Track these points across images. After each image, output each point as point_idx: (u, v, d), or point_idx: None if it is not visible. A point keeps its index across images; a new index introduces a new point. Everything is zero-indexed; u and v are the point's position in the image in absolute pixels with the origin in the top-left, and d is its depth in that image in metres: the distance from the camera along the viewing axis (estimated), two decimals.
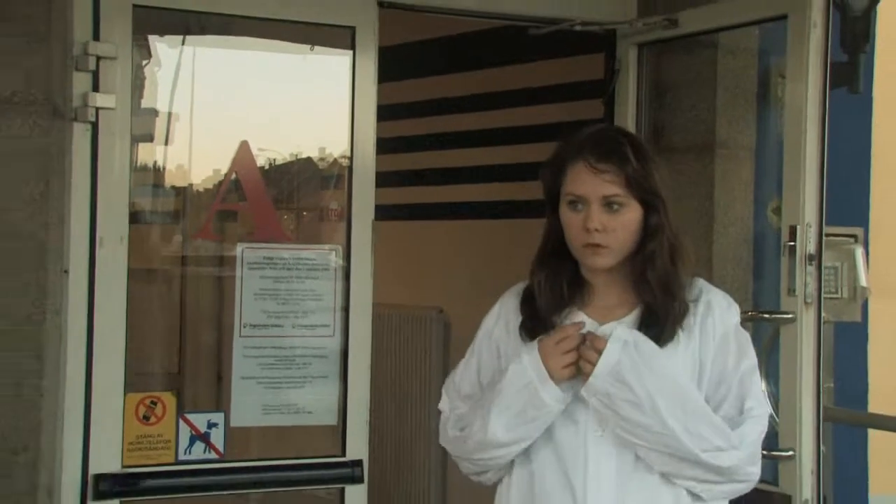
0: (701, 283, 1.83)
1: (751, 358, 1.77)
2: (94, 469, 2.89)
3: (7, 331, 2.70)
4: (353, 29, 3.09)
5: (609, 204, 1.69)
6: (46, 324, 2.74)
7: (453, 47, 4.59)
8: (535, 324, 1.78)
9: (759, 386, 1.81)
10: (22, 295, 2.67)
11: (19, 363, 2.69)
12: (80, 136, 2.87)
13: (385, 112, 3.21)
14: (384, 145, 3.17)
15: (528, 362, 1.70)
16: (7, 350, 2.68)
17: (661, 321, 1.71)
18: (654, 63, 3.40)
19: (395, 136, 4.38)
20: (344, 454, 3.04)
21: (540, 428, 1.70)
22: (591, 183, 1.70)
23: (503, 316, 1.90)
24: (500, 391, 1.73)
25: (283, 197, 3.56)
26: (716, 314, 1.76)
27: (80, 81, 2.88)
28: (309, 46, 3.22)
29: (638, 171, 1.70)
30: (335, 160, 3.44)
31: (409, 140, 4.81)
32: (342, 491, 3.04)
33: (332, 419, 3.08)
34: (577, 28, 3.25)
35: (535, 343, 1.73)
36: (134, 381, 3.03)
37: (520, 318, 1.82)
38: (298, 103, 3.18)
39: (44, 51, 2.73)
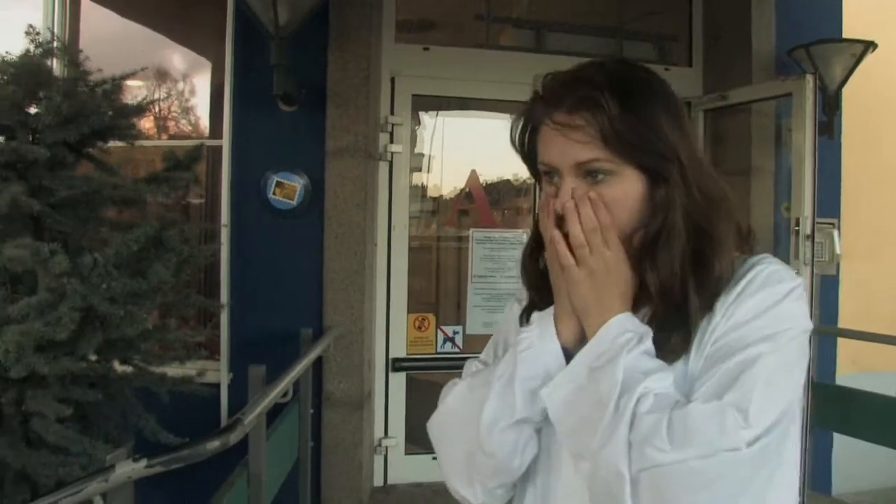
0: (752, 261, 1.17)
1: (772, 343, 1.08)
2: (392, 354, 4.59)
3: (346, 277, 4.21)
4: None
5: (590, 173, 1.14)
6: (365, 273, 4.24)
7: None
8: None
9: (766, 388, 1.05)
10: (353, 257, 4.21)
11: (351, 296, 4.22)
12: (382, 169, 4.50)
13: None
14: None
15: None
16: (345, 288, 4.21)
17: (665, 338, 1.13)
18: (713, 120, 4.71)
19: None
20: None
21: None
22: (559, 145, 1.14)
23: (505, 324, 1.41)
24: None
25: (494, 201, 4.91)
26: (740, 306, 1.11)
27: (383, 138, 4.49)
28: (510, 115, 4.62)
29: (622, 121, 1.11)
30: (524, 180, 4.86)
31: None
32: None
33: None
34: None
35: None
36: (412, 306, 4.64)
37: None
38: (503, 148, 4.74)
39: (365, 122, 4.20)
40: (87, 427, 3.00)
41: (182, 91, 5.01)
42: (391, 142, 4.54)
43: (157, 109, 4.96)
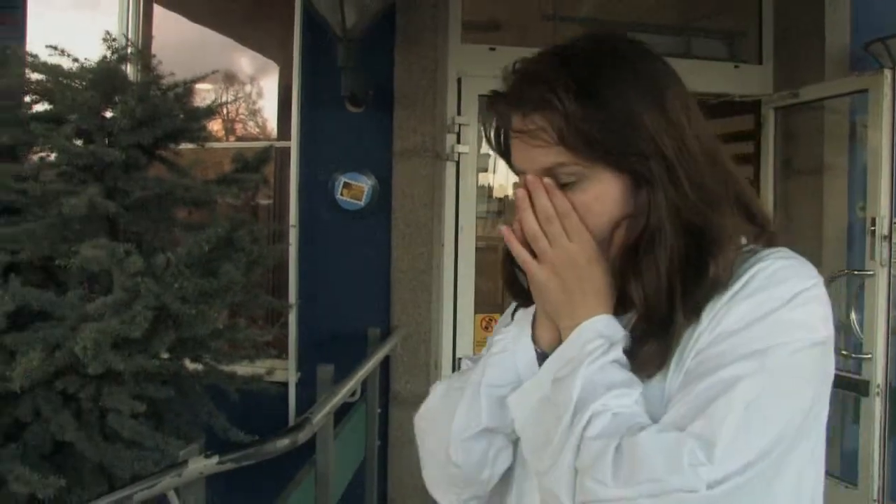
0: (758, 257, 0.98)
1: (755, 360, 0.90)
2: (458, 354, 4.57)
3: (413, 277, 4.22)
4: None
5: (558, 178, 0.98)
6: (432, 273, 4.26)
7: None
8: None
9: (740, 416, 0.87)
10: (420, 257, 4.22)
11: (418, 296, 4.23)
12: (449, 169, 4.49)
13: None
14: None
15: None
16: (412, 288, 4.23)
17: (646, 347, 0.97)
18: (784, 118, 4.61)
19: None
20: None
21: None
22: (522, 151, 1.01)
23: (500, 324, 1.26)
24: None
25: None
26: (740, 306, 0.93)
27: (450, 139, 4.47)
28: None
29: (584, 118, 0.93)
30: None
31: None
32: None
33: None
34: (738, 99, 4.66)
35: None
36: (479, 306, 4.60)
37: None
38: None
39: (432, 123, 4.24)
40: (159, 423, 3.07)
41: (250, 94, 5.12)
42: (458, 142, 4.52)
43: (225, 112, 5.07)
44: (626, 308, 1.02)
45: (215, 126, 4.86)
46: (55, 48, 3.07)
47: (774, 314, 0.92)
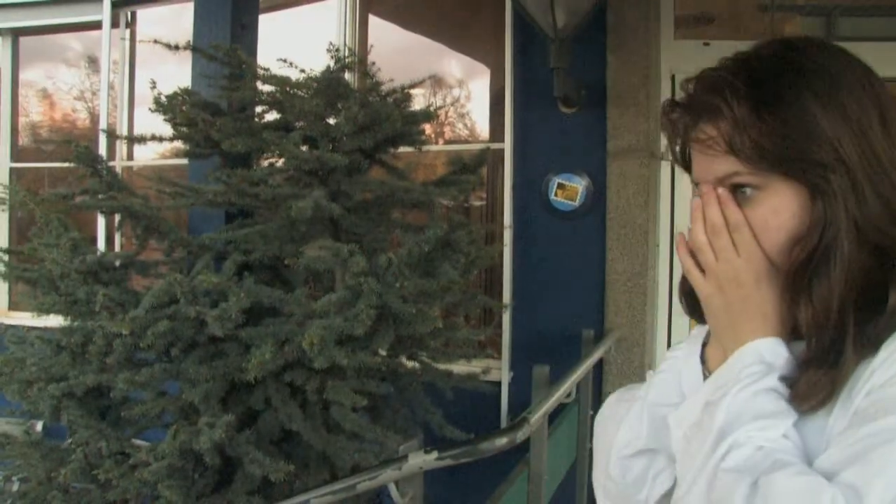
0: None
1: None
2: None
3: (628, 279, 4.19)
4: None
5: (735, 188, 0.90)
6: (648, 275, 4.20)
7: None
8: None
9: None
10: (635, 258, 4.18)
11: (633, 298, 4.18)
12: (664, 169, 4.35)
13: None
14: None
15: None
16: (627, 290, 4.19)
17: (810, 376, 0.86)
18: None
19: None
20: None
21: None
22: (699, 161, 0.95)
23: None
24: None
25: None
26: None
27: (664, 137, 4.47)
28: None
29: (755, 126, 0.87)
30: None
31: None
32: None
33: None
34: None
35: None
36: None
37: None
38: None
39: (646, 122, 4.19)
40: (378, 417, 3.18)
41: (460, 96, 5.20)
42: None
43: (438, 115, 5.14)
44: (796, 335, 0.91)
45: (427, 129, 4.96)
46: (284, 61, 3.25)
47: None
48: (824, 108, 0.86)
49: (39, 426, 4.06)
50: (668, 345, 4.46)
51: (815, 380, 0.85)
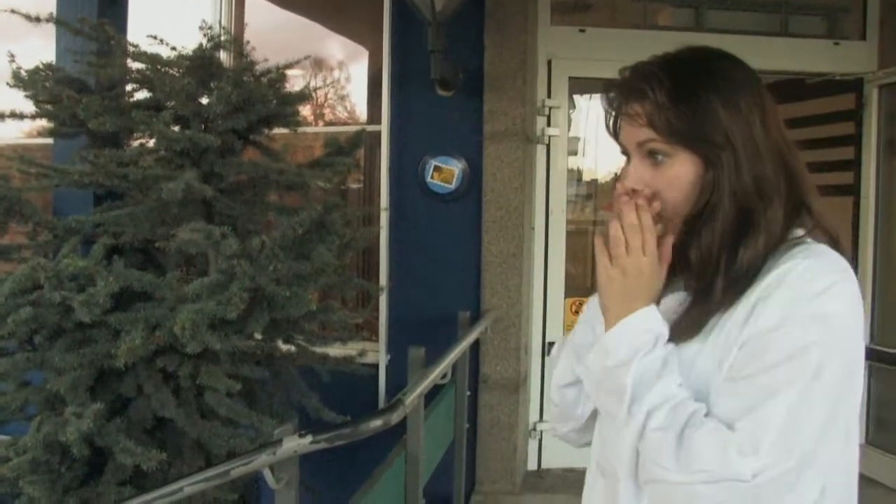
0: (792, 253, 1.14)
1: (786, 374, 1.05)
2: (548, 338, 4.56)
3: (503, 261, 4.24)
4: None
5: (650, 154, 1.19)
6: (523, 257, 4.26)
7: None
8: None
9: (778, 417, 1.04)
10: (511, 240, 4.23)
11: (509, 279, 4.25)
12: (540, 152, 4.47)
13: None
14: None
15: None
16: (503, 272, 4.24)
17: (689, 312, 1.18)
18: (889, 98, 4.44)
19: None
20: None
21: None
22: (625, 129, 1.22)
23: None
24: None
25: None
26: (773, 296, 1.10)
27: (540, 122, 4.47)
28: None
29: (671, 109, 1.15)
30: None
31: None
32: None
33: None
34: (837, 77, 4.50)
35: None
36: (569, 290, 4.59)
37: None
38: None
39: (522, 106, 4.24)
40: (253, 402, 3.14)
41: (339, 78, 5.16)
42: (548, 125, 4.52)
43: (315, 97, 5.11)
44: (678, 277, 1.24)
45: (305, 111, 4.90)
46: (155, 37, 3.15)
47: (807, 310, 1.07)
48: (724, 104, 1.16)
49: None
50: (545, 324, 4.57)
51: (692, 317, 1.17)
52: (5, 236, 3.26)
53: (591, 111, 4.86)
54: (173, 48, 3.15)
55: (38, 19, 3.19)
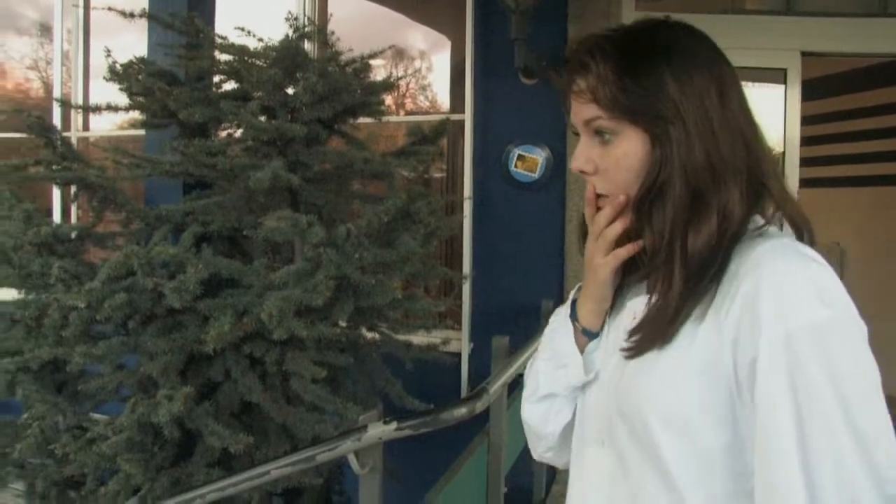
0: (756, 253, 0.98)
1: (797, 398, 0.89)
2: None
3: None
4: (784, 70, 4.28)
5: (597, 132, 1.07)
6: None
7: (853, 77, 5.72)
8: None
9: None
10: None
11: None
12: None
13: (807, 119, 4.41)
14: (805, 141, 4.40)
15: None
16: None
17: (650, 313, 1.05)
18: None
19: (815, 135, 5.60)
20: None
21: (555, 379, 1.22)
22: (573, 107, 1.10)
23: None
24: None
25: None
26: (740, 297, 0.95)
27: None
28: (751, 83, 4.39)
29: (615, 83, 1.04)
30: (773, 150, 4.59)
31: (824, 137, 5.97)
32: None
33: None
34: None
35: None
36: None
37: None
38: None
39: None
40: (337, 389, 3.18)
41: (421, 68, 5.18)
42: None
43: (398, 86, 5.13)
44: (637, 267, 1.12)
45: (387, 100, 4.94)
46: (242, 29, 3.21)
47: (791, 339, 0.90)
48: (674, 76, 1.02)
49: None
50: None
51: (654, 320, 1.03)
52: (101, 224, 3.37)
53: None
54: (260, 39, 3.21)
55: (132, 15, 3.28)
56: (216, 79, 3.40)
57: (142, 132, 3.78)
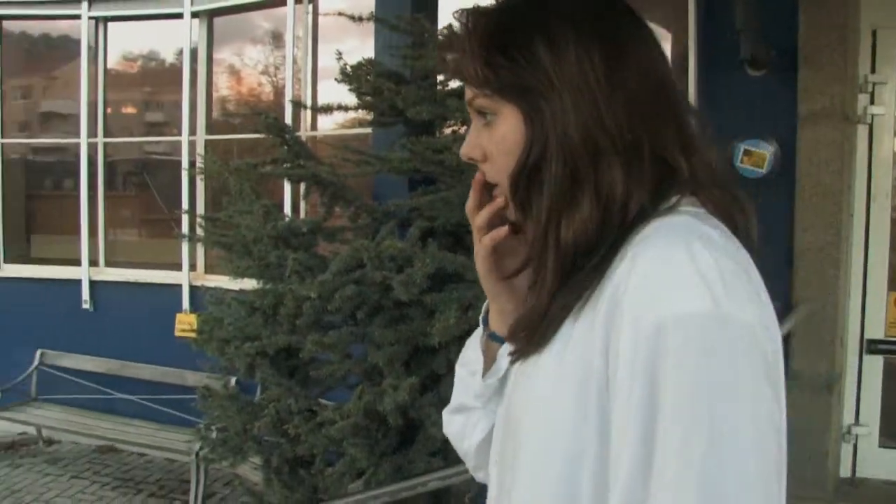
0: (641, 237, 0.85)
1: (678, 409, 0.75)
2: (867, 335, 4.20)
3: (819, 249, 3.96)
4: None
5: (481, 113, 0.97)
6: (841, 246, 3.98)
7: None
8: None
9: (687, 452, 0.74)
10: (827, 228, 3.96)
11: (825, 270, 3.96)
12: (861, 133, 4.12)
13: None
14: None
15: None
16: (818, 262, 3.96)
17: (521, 317, 0.96)
18: None
19: None
20: None
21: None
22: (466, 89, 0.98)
23: None
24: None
25: None
26: (628, 295, 0.80)
27: (862, 99, 4.11)
28: None
29: (480, 56, 0.93)
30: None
31: None
32: None
33: None
34: None
35: None
36: (892, 283, 4.16)
37: None
38: None
39: (841, 83, 3.95)
40: None
41: None
42: (871, 103, 4.13)
43: None
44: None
45: None
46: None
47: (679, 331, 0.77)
48: (548, 42, 0.90)
49: (233, 381, 4.30)
50: (862, 320, 4.22)
51: (528, 319, 0.93)
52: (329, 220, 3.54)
53: None
54: None
55: (360, 19, 3.43)
56: (441, 77, 3.48)
57: (365, 130, 3.93)
